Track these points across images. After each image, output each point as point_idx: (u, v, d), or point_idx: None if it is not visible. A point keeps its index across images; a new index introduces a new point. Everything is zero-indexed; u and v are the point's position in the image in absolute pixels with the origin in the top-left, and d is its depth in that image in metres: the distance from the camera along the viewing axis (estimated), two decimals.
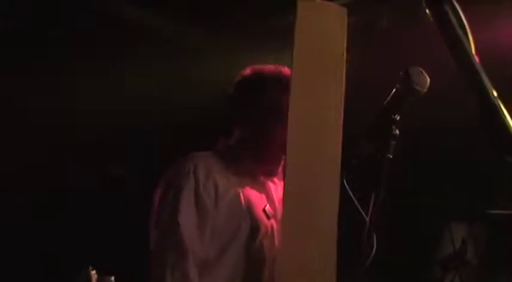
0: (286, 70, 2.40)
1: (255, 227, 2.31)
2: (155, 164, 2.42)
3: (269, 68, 2.46)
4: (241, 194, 2.33)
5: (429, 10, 1.26)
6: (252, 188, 2.38)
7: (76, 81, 3.93)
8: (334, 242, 1.78)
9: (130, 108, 4.00)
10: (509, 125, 1.16)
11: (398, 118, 1.96)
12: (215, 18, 3.93)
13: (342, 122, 1.80)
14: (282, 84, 2.34)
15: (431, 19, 1.25)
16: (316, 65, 1.84)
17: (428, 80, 1.96)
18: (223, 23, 3.92)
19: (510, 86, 1.61)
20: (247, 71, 2.48)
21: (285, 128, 2.29)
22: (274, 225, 2.36)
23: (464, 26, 1.24)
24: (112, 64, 3.91)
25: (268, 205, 2.38)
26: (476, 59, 1.21)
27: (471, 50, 1.23)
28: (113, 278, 2.00)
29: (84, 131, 3.95)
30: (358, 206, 1.98)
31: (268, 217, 2.36)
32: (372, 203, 1.88)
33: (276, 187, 2.47)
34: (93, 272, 1.96)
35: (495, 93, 1.17)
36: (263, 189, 2.43)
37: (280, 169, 2.46)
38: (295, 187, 1.80)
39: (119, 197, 3.85)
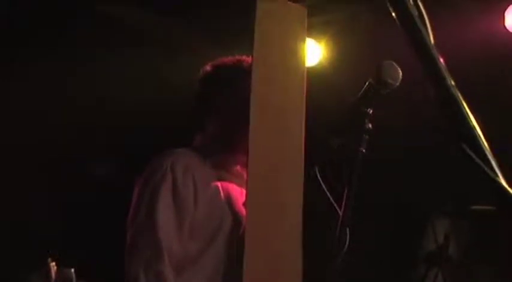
0: (244, 58, 2.42)
1: (236, 222, 2.30)
2: (143, 164, 2.42)
3: (228, 60, 2.48)
4: (220, 189, 2.32)
5: (390, 3, 1.27)
6: (231, 182, 2.38)
7: (77, 81, 3.94)
8: (299, 237, 1.77)
9: (124, 108, 4.00)
10: (467, 115, 1.17)
11: (371, 112, 1.96)
12: (213, 17, 3.94)
13: (304, 117, 1.80)
14: (244, 71, 2.34)
15: (392, 12, 1.27)
16: (277, 63, 1.85)
17: (401, 73, 1.97)
18: (223, 22, 3.92)
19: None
20: (208, 68, 2.49)
21: None
22: None
23: (424, 19, 1.26)
24: (110, 64, 3.91)
25: None
26: (436, 51, 1.23)
27: (430, 42, 1.24)
28: (72, 270, 2.00)
29: (73, 130, 3.96)
30: (333, 201, 1.97)
31: None
32: (344, 199, 1.88)
33: None
34: (53, 264, 1.95)
35: (453, 83, 1.19)
36: (242, 182, 2.42)
37: None
38: (259, 184, 1.80)
39: (96, 195, 3.86)
